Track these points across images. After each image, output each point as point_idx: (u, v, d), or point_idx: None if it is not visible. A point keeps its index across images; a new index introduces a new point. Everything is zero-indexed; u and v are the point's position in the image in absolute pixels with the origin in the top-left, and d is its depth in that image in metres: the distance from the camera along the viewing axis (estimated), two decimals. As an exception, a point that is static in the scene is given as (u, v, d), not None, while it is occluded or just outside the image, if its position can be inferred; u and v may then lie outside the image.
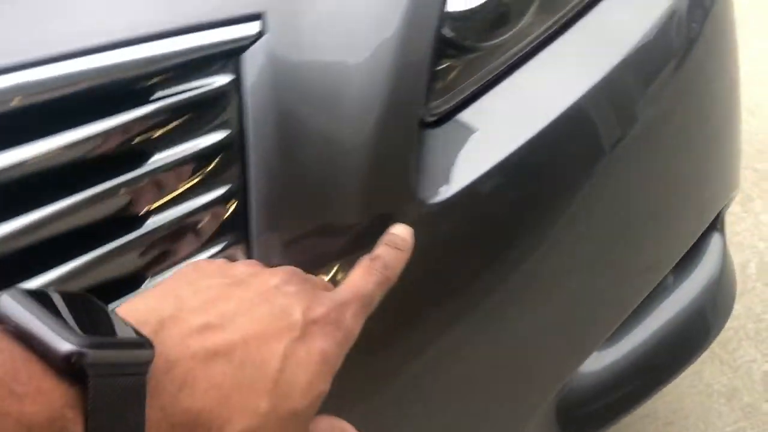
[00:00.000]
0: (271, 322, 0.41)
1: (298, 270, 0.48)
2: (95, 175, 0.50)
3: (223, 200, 0.53)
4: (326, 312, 0.43)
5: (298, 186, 0.55)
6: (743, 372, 1.29)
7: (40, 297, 0.33)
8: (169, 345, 0.37)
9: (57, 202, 0.47)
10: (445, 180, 0.59)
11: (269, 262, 0.50)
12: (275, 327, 0.41)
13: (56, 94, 0.48)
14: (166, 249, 0.52)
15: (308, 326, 0.42)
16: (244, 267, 0.46)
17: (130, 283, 0.51)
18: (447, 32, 0.62)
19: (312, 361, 0.41)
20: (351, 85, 0.55)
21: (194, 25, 0.51)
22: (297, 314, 0.42)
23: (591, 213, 0.69)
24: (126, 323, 0.36)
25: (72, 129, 0.48)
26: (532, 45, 0.64)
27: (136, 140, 0.51)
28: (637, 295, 0.87)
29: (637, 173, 0.73)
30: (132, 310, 0.39)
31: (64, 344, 0.31)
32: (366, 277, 0.48)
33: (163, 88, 0.51)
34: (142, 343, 0.35)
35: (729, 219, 1.55)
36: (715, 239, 0.97)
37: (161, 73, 0.51)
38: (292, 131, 0.54)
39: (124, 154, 0.50)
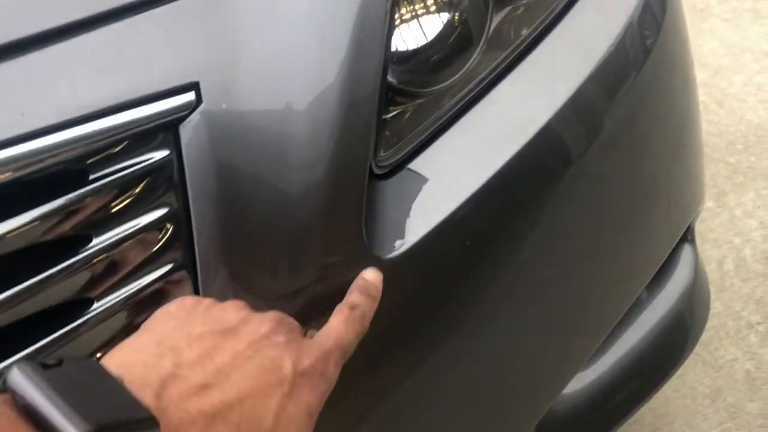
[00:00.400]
0: (264, 378, 0.43)
1: (284, 316, 0.49)
2: (37, 261, 0.49)
3: (170, 274, 0.52)
4: (313, 364, 0.46)
5: (248, 251, 0.54)
6: (726, 372, 1.28)
7: (48, 369, 0.35)
8: (171, 412, 0.39)
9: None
10: (400, 233, 0.58)
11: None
12: (267, 382, 0.43)
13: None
14: (114, 332, 0.50)
15: (296, 379, 0.45)
16: (233, 312, 0.47)
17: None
18: (393, 79, 0.60)
19: (300, 415, 0.44)
20: (294, 143, 0.54)
21: (128, 101, 0.50)
22: (287, 367, 0.45)
23: (554, 252, 0.68)
24: (129, 393, 0.37)
25: (6, 219, 0.47)
26: (481, 86, 0.63)
27: (76, 224, 0.49)
28: (617, 310, 0.87)
29: (598, 203, 0.72)
30: (129, 366, 0.40)
31: (72, 431, 0.32)
32: (346, 326, 0.50)
33: (100, 168, 0.50)
34: (145, 419, 0.36)
35: (703, 215, 1.54)
36: (686, 251, 0.96)
37: (98, 152, 0.50)
38: (236, 197, 0.53)
39: (65, 238, 0.49)
